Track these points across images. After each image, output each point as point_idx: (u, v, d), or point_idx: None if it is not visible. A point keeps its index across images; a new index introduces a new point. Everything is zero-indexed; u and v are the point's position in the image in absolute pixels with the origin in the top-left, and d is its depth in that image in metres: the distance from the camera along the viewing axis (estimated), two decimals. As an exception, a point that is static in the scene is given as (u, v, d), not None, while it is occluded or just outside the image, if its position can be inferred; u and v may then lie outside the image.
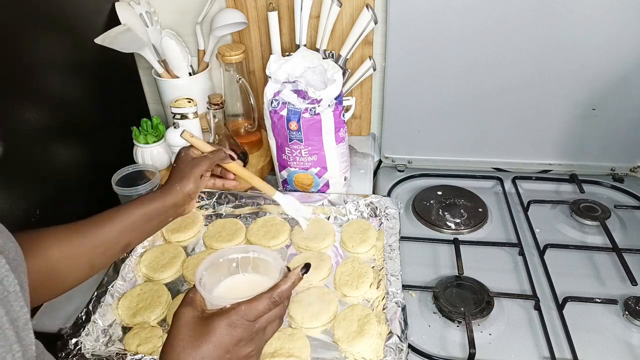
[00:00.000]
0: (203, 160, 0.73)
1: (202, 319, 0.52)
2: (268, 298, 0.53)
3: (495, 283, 0.82)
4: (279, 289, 0.54)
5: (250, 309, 0.52)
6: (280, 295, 0.54)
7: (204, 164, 0.73)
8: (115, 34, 0.94)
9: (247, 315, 0.51)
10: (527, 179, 1.10)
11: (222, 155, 0.75)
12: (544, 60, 0.98)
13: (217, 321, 0.51)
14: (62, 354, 0.67)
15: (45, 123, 0.84)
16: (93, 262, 0.64)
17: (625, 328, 0.76)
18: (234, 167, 0.77)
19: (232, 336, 0.51)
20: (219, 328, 0.50)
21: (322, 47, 1.03)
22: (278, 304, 0.54)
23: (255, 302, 0.52)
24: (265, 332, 0.55)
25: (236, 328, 0.51)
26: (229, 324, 0.51)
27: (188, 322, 0.52)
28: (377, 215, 0.93)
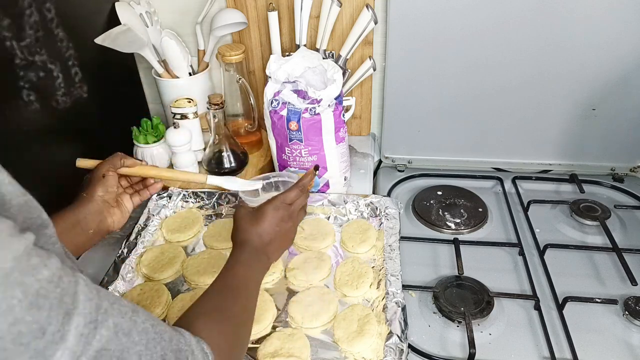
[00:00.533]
0: (100, 164, 0.78)
1: (254, 210, 0.71)
2: (296, 187, 0.75)
3: (495, 283, 0.82)
4: (302, 181, 0.76)
5: (286, 196, 0.72)
6: (304, 185, 0.76)
7: (103, 166, 0.77)
8: (115, 34, 0.94)
9: (285, 199, 0.72)
10: (527, 179, 1.10)
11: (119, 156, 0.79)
12: (544, 60, 0.98)
13: (266, 207, 0.71)
14: (62, 354, 0.67)
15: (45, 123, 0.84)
16: None
17: (625, 328, 0.76)
18: (142, 170, 0.80)
19: (278, 215, 0.70)
20: (268, 210, 0.70)
21: (322, 47, 1.03)
22: (304, 192, 0.75)
23: (289, 191, 0.74)
24: (297, 214, 0.75)
25: (279, 209, 0.71)
26: (274, 207, 0.70)
27: (245, 214, 0.71)
28: (377, 215, 0.93)
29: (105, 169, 0.77)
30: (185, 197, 0.97)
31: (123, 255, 0.84)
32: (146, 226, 0.91)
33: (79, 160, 0.78)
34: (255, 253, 0.67)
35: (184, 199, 0.97)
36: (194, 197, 0.97)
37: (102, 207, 0.74)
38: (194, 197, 0.98)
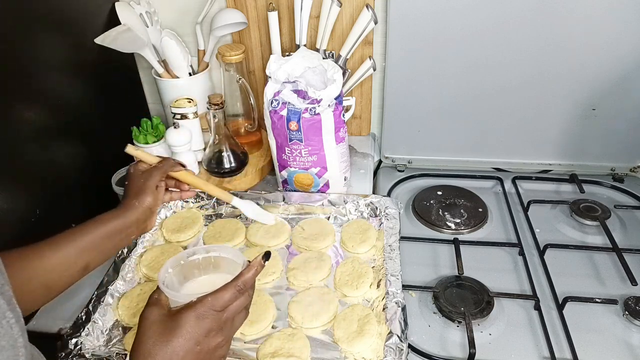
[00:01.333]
0: (154, 171, 0.73)
1: (169, 315, 0.53)
2: (233, 287, 0.54)
3: (495, 283, 0.82)
4: (243, 277, 0.55)
5: (216, 299, 0.52)
6: (244, 284, 0.55)
7: (156, 175, 0.73)
8: (115, 34, 0.94)
9: (214, 305, 0.52)
10: (527, 179, 1.10)
11: (171, 163, 0.76)
12: (544, 60, 0.98)
13: (185, 315, 0.51)
14: (62, 354, 0.67)
15: (45, 123, 0.84)
16: (49, 285, 0.61)
17: (625, 328, 0.76)
18: (184, 176, 0.77)
19: (201, 327, 0.51)
20: (188, 321, 0.51)
21: (322, 47, 1.03)
22: (243, 292, 0.55)
23: (221, 292, 0.53)
24: (233, 321, 0.55)
25: (204, 319, 0.51)
26: (197, 316, 0.51)
27: (155, 320, 0.52)
28: (377, 215, 0.93)
29: (158, 178, 0.73)
30: (185, 197, 0.97)
31: (123, 255, 0.84)
32: (146, 226, 0.91)
33: (129, 147, 0.76)
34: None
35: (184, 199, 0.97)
36: (194, 197, 0.97)
37: (147, 214, 0.72)
38: (194, 197, 0.97)
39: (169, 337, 0.50)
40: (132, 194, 0.71)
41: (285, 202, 0.96)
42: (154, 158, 0.76)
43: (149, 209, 0.71)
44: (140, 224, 0.71)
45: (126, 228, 0.69)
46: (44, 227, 0.82)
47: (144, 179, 0.72)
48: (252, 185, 1.06)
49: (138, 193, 0.71)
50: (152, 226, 0.74)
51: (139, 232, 0.72)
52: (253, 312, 0.73)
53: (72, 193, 0.92)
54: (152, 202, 0.71)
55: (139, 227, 0.71)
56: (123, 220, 0.69)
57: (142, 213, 0.70)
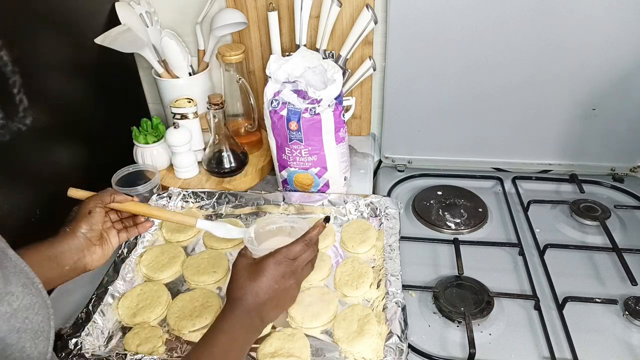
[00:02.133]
0: (89, 199, 0.72)
1: (254, 262, 0.66)
2: (302, 241, 0.68)
3: (495, 283, 0.82)
4: (310, 234, 0.69)
5: (289, 250, 0.66)
6: (310, 239, 0.68)
7: (91, 202, 0.71)
8: (115, 34, 0.94)
9: (288, 254, 0.66)
10: (527, 179, 1.10)
11: (110, 191, 0.74)
12: (543, 60, 0.98)
13: (266, 261, 0.65)
14: (62, 354, 0.67)
15: (45, 123, 0.84)
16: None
17: (625, 328, 0.76)
18: (132, 206, 0.75)
19: (278, 270, 0.64)
20: (269, 265, 0.64)
21: (322, 47, 1.03)
22: (310, 246, 0.68)
23: (293, 245, 0.67)
24: (302, 270, 0.68)
25: (280, 264, 0.65)
26: (275, 262, 0.65)
27: (244, 265, 0.66)
28: (377, 215, 0.93)
29: (92, 204, 0.71)
30: (185, 197, 0.97)
31: (123, 255, 0.84)
32: (146, 226, 0.91)
33: (71, 190, 0.75)
34: (246, 315, 0.62)
35: (184, 199, 0.97)
36: (194, 197, 0.97)
37: (83, 244, 0.69)
38: (194, 197, 0.98)
39: (255, 277, 0.64)
40: (66, 223, 0.70)
41: (285, 202, 0.96)
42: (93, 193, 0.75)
43: (84, 237, 0.69)
44: (74, 252, 0.68)
45: (56, 256, 0.66)
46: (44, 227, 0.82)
47: (77, 208, 0.71)
48: (252, 185, 1.06)
49: (70, 222, 0.70)
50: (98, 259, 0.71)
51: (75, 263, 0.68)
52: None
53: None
54: (86, 229, 0.69)
55: (73, 257, 0.68)
56: (53, 247, 0.66)
57: (74, 240, 0.68)
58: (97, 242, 0.71)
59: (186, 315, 0.74)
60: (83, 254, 0.69)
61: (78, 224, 0.69)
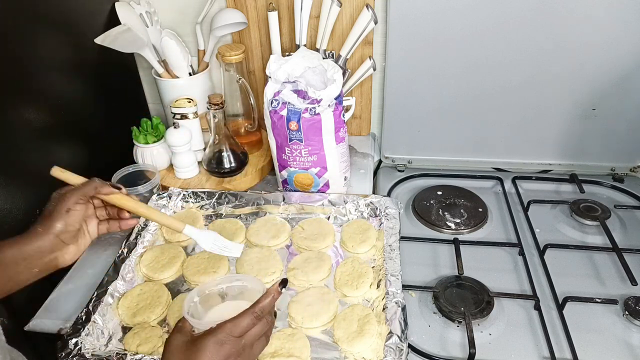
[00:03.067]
0: (70, 193, 0.63)
1: (191, 341, 0.55)
2: (251, 313, 0.56)
3: (495, 283, 0.82)
4: (260, 304, 0.57)
5: (235, 326, 0.54)
6: (262, 310, 0.56)
7: (71, 197, 0.63)
8: (115, 34, 0.94)
9: (232, 331, 0.54)
10: (527, 179, 1.10)
11: (94, 185, 0.65)
12: (543, 60, 0.98)
13: (205, 340, 0.53)
14: (62, 354, 0.67)
15: (45, 123, 0.84)
16: None
17: (625, 328, 0.76)
18: (118, 200, 0.67)
19: (221, 353, 0.53)
20: (208, 346, 0.53)
21: (322, 47, 1.03)
22: (261, 319, 0.56)
23: (239, 318, 0.55)
24: (252, 347, 0.57)
25: (224, 345, 0.53)
26: (216, 341, 0.53)
27: (179, 345, 0.55)
28: (377, 215, 0.93)
29: (72, 201, 0.63)
30: (185, 197, 0.97)
31: (123, 255, 0.84)
32: (146, 226, 0.91)
33: (54, 169, 0.67)
34: None
35: (184, 199, 0.97)
36: (194, 197, 0.97)
37: (55, 244, 0.61)
38: (194, 197, 0.98)
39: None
40: (40, 218, 0.62)
41: (285, 202, 0.96)
42: (80, 180, 0.67)
43: (57, 237, 0.61)
44: (44, 254, 0.61)
45: (25, 258, 0.59)
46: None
47: (55, 203, 0.63)
48: (252, 185, 1.06)
49: (44, 218, 0.62)
50: (72, 257, 0.64)
51: (46, 265, 0.62)
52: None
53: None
54: (61, 229, 0.61)
55: (43, 258, 0.61)
56: (20, 250, 0.59)
57: (46, 241, 0.61)
58: (71, 242, 0.64)
59: (186, 315, 0.74)
60: (54, 255, 0.62)
61: (52, 222, 0.61)
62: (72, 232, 0.63)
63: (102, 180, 0.67)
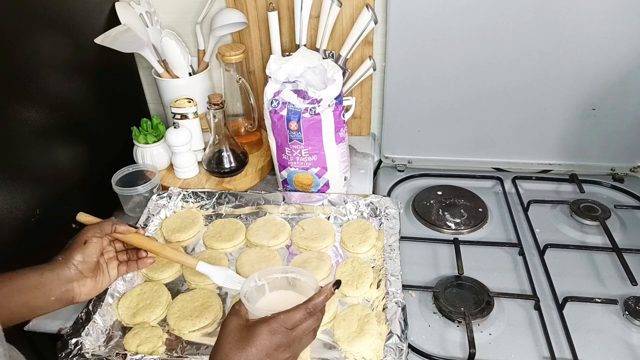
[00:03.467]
0: (88, 228, 0.69)
1: (246, 326, 0.58)
2: (304, 309, 0.59)
3: (495, 283, 0.82)
4: (314, 301, 0.60)
5: (288, 318, 0.58)
6: (314, 307, 0.60)
7: (89, 231, 0.68)
8: (115, 34, 0.94)
9: (285, 323, 0.57)
10: (527, 179, 1.10)
11: (111, 222, 0.71)
12: (544, 60, 0.98)
13: (259, 328, 0.57)
14: (62, 354, 0.67)
15: (45, 123, 0.84)
16: None
17: (625, 328, 0.76)
18: (134, 239, 0.72)
19: (272, 341, 0.56)
20: (261, 333, 0.56)
21: (322, 47, 1.03)
22: (313, 315, 0.59)
23: (293, 312, 0.58)
24: (301, 340, 0.60)
25: (276, 334, 0.57)
26: (270, 330, 0.56)
27: (234, 328, 0.58)
28: (377, 215, 0.93)
29: (90, 234, 0.68)
30: (185, 197, 0.97)
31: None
32: (146, 226, 0.91)
33: (80, 215, 0.74)
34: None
35: (184, 199, 0.97)
36: (194, 197, 0.97)
37: (73, 275, 0.65)
38: (194, 197, 0.97)
39: (244, 345, 0.56)
40: (61, 252, 0.67)
41: (285, 202, 0.96)
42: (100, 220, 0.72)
43: (75, 268, 0.66)
44: (63, 282, 0.65)
45: (44, 285, 0.63)
46: (44, 227, 0.82)
47: (75, 237, 0.68)
48: (252, 185, 1.06)
49: (65, 250, 0.67)
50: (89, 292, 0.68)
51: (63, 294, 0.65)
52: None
53: (72, 193, 0.92)
54: (79, 259, 0.66)
55: (61, 287, 0.65)
56: (41, 275, 0.63)
57: (65, 270, 0.65)
58: (89, 275, 0.68)
59: (186, 315, 0.74)
60: (72, 285, 0.66)
61: (72, 253, 0.66)
62: (90, 263, 0.67)
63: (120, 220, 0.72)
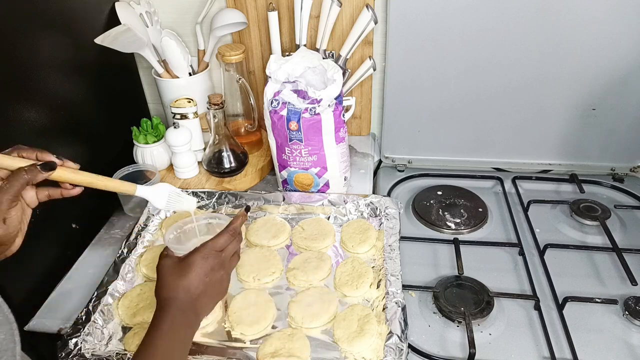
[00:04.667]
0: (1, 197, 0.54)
1: (179, 260, 0.65)
2: (227, 232, 0.68)
3: (495, 283, 0.82)
4: (233, 224, 0.69)
5: (215, 242, 0.66)
6: (234, 229, 0.69)
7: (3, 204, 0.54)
8: (115, 34, 0.94)
9: (214, 247, 0.66)
10: (527, 179, 1.10)
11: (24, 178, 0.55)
12: (544, 60, 0.98)
13: (193, 256, 0.64)
14: (62, 354, 0.67)
15: (45, 123, 0.84)
16: None
17: (625, 328, 0.76)
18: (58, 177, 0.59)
19: (207, 263, 0.64)
20: (196, 260, 0.64)
21: (322, 47, 1.03)
22: (235, 236, 0.69)
23: (219, 237, 0.67)
24: (230, 260, 0.69)
25: (208, 258, 0.65)
26: (203, 256, 0.64)
27: (170, 265, 0.65)
28: (377, 215, 0.93)
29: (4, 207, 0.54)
30: (185, 197, 0.97)
31: (123, 255, 0.84)
32: (146, 226, 0.91)
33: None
34: (182, 313, 0.61)
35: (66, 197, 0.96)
36: (194, 197, 0.97)
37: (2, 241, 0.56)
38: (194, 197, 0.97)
39: (184, 274, 0.63)
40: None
41: (285, 202, 0.96)
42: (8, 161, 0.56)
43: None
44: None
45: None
46: (44, 227, 0.82)
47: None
48: (252, 185, 1.06)
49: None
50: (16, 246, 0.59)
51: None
52: (253, 313, 0.73)
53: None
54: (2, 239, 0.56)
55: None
56: None
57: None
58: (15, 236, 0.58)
59: (186, 315, 0.74)
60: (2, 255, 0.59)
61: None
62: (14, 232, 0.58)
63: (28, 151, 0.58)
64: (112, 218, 0.99)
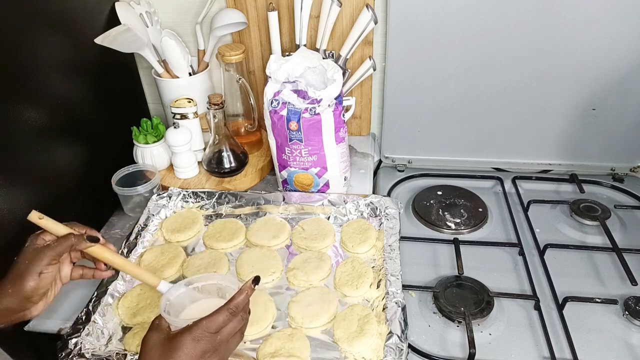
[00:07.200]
0: (44, 252, 0.60)
1: (168, 339, 0.56)
2: (226, 310, 0.57)
3: (495, 283, 0.82)
4: (235, 301, 0.58)
5: (210, 322, 0.56)
6: (236, 306, 0.58)
7: (45, 257, 0.60)
8: (115, 34, 0.94)
9: (208, 328, 0.56)
10: (527, 179, 1.10)
11: (70, 242, 0.62)
12: (543, 60, 0.98)
13: (182, 337, 0.55)
14: (62, 354, 0.67)
15: (45, 123, 0.84)
16: None
17: (625, 328, 0.76)
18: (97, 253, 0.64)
19: (197, 349, 0.54)
20: (185, 343, 0.54)
21: (322, 47, 1.03)
22: (236, 315, 0.58)
23: (215, 315, 0.57)
24: (228, 343, 0.58)
25: (200, 341, 0.55)
26: (193, 338, 0.55)
27: (156, 343, 0.56)
28: (377, 215, 0.93)
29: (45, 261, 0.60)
30: (185, 197, 0.97)
31: (123, 255, 0.84)
32: (146, 226, 0.91)
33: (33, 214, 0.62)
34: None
35: (184, 199, 0.97)
36: (194, 197, 0.97)
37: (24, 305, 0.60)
38: (194, 197, 0.97)
39: (169, 356, 0.54)
40: (12, 277, 0.60)
41: (285, 202, 0.96)
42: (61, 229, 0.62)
43: (26, 298, 0.60)
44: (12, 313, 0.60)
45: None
46: (44, 227, 0.82)
47: (29, 261, 0.60)
48: (252, 185, 1.06)
49: (17, 277, 0.59)
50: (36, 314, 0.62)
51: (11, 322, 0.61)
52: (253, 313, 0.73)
53: (72, 193, 0.92)
54: (30, 291, 0.60)
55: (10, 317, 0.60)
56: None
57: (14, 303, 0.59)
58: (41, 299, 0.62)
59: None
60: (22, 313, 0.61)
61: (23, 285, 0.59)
62: (43, 293, 0.62)
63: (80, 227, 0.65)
64: (112, 218, 1.00)
